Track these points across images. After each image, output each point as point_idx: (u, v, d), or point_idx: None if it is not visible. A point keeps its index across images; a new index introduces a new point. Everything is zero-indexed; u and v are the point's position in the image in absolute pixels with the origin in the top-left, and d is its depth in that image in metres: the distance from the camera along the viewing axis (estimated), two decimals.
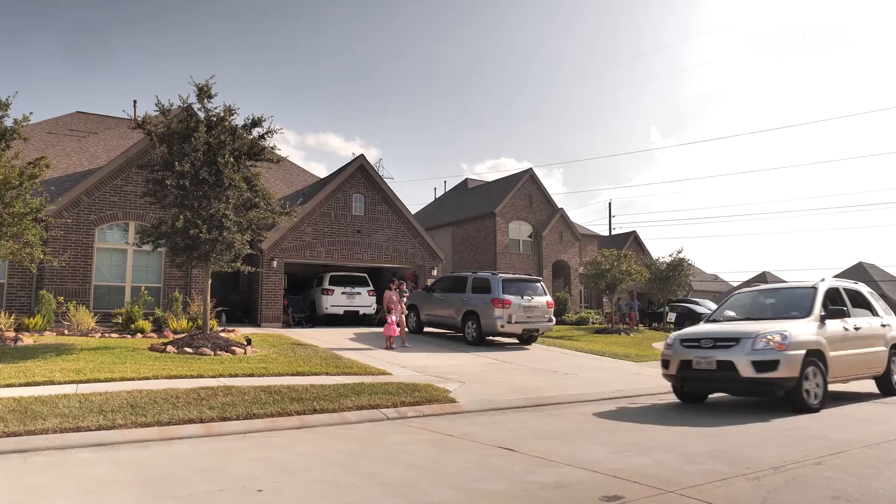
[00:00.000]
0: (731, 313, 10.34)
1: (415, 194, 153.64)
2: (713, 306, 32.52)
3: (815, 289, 9.62)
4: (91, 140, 22.75)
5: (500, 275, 17.04)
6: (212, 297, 14.12)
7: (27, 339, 12.60)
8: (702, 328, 9.71)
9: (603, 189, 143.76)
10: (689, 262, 27.57)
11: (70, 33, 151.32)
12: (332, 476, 4.98)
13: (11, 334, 12.79)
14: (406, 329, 16.53)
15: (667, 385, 11.38)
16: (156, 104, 12.75)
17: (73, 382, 8.51)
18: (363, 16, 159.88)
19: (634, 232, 41.91)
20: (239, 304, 21.38)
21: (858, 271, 53.49)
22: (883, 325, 10.28)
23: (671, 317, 29.28)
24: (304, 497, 4.45)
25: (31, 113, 12.35)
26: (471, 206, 36.95)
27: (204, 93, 12.94)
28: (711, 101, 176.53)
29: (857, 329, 9.52)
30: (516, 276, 17.86)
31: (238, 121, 13.23)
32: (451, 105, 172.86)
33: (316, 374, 10.43)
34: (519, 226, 34.02)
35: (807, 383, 8.33)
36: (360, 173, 22.91)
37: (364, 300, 21.68)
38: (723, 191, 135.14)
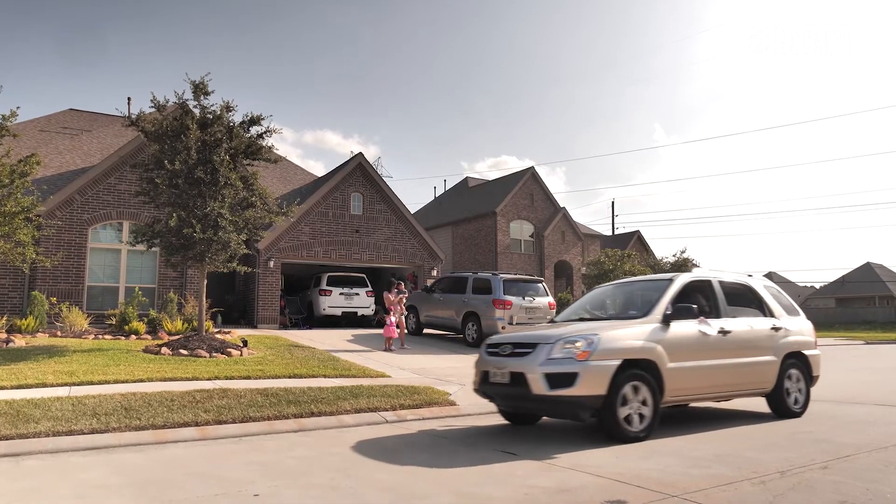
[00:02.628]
0: (581, 312, 8.45)
1: (414, 193, 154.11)
2: None
3: (669, 281, 7.65)
4: (84, 138, 22.54)
5: (501, 275, 16.87)
6: (207, 298, 13.95)
7: (19, 341, 12.40)
8: (520, 332, 8.00)
9: (606, 188, 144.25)
10: (694, 262, 27.45)
11: (63, 30, 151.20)
12: (330, 480, 4.94)
13: (3, 336, 12.58)
14: (405, 330, 16.33)
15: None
16: (151, 100, 12.58)
17: (66, 385, 8.42)
18: (362, 11, 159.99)
19: (638, 231, 41.76)
20: (235, 305, 21.14)
21: (866, 271, 53.47)
22: (774, 329, 8.01)
23: None
24: (302, 501, 4.40)
25: (18, 107, 12.21)
26: (471, 205, 36.75)
27: (200, 90, 12.80)
28: (715, 99, 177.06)
29: (725, 333, 7.38)
30: (517, 276, 17.69)
31: (236, 118, 13.10)
32: (452, 102, 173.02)
33: (313, 376, 10.30)
34: (520, 225, 33.81)
35: (624, 404, 6.33)
36: (358, 172, 22.69)
37: (362, 301, 21.46)
38: (728, 189, 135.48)
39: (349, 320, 21.28)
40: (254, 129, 13.22)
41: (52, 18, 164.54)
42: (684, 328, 7.09)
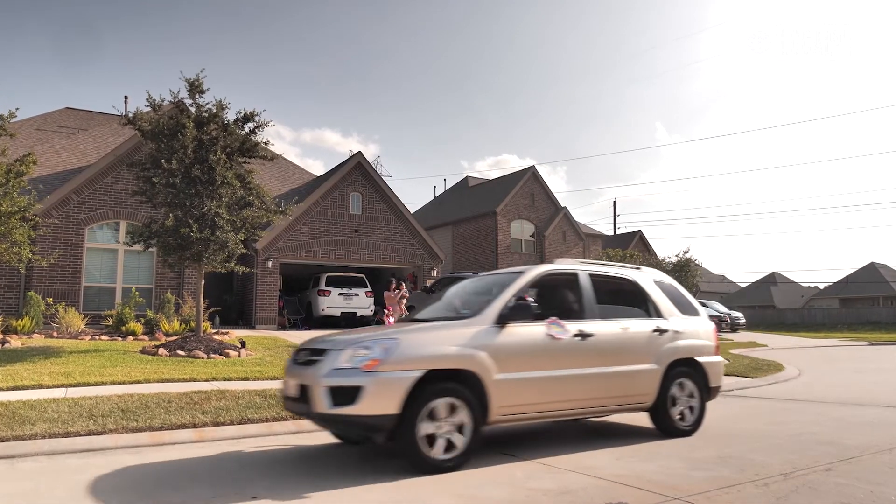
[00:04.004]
0: (446, 309, 7.04)
1: (414, 193, 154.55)
2: (721, 308, 32.38)
3: (518, 274, 6.39)
4: (81, 137, 22.42)
5: None
6: (205, 299, 13.86)
7: (15, 342, 12.30)
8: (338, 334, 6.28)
9: (607, 187, 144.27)
10: (696, 262, 27.37)
11: (60, 27, 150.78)
12: None
13: None
14: None
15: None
16: (147, 99, 12.52)
17: (62, 386, 8.38)
18: (362, 9, 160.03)
19: (639, 231, 41.70)
20: (233, 305, 20.99)
21: (870, 271, 53.47)
22: (658, 332, 6.62)
23: None
24: None
25: (17, 109, 12.26)
26: (471, 204, 36.64)
27: (195, 88, 12.76)
28: (718, 98, 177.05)
29: (584, 337, 6.05)
30: None
31: (230, 116, 13.07)
32: (452, 101, 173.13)
33: None
34: (521, 225, 33.69)
35: (429, 425, 5.09)
36: (357, 171, 22.56)
37: (362, 301, 21.33)
38: (730, 189, 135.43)
39: (348, 321, 21.10)
40: (248, 126, 13.17)
41: (48, 17, 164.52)
42: (526, 331, 5.75)
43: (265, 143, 13.48)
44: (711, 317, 28.64)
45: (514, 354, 5.64)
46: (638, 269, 7.42)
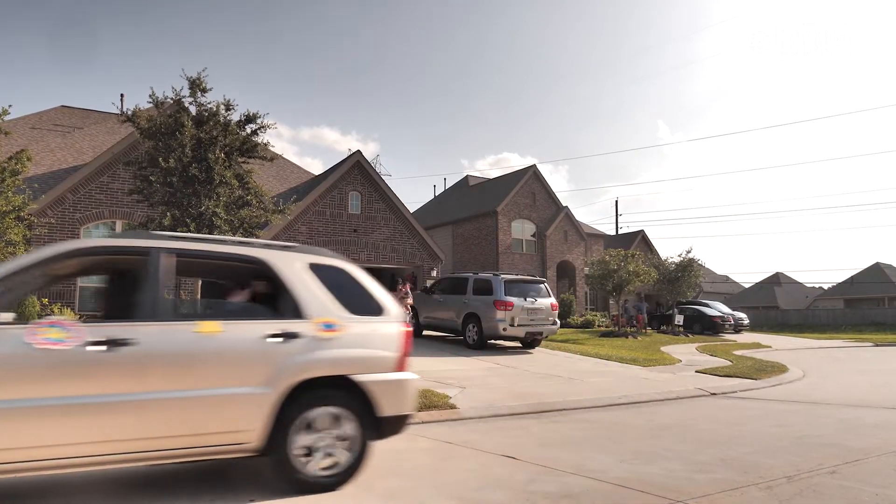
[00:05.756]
0: None
1: (413, 192, 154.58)
2: (724, 308, 32.23)
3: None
4: (76, 135, 22.30)
5: (503, 276, 16.57)
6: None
7: None
8: None
9: (609, 186, 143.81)
10: (699, 262, 27.04)
11: (55, 25, 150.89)
12: None
13: None
14: None
15: (679, 389, 10.88)
16: (150, 96, 12.40)
17: None
18: (361, 6, 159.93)
19: (642, 231, 41.39)
20: None
21: (875, 272, 53.23)
22: (281, 338, 4.60)
23: (680, 319, 28.77)
24: None
25: (10, 106, 12.16)
26: (472, 204, 36.44)
27: (197, 86, 12.66)
28: (721, 96, 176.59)
29: (116, 346, 4.14)
30: (519, 277, 17.39)
31: (234, 116, 12.99)
32: (452, 99, 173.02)
33: None
34: (522, 225, 33.47)
35: None
36: (356, 170, 22.39)
37: None
38: (734, 188, 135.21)
39: None
40: (248, 127, 13.10)
41: (44, 14, 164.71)
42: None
43: (265, 144, 13.42)
44: (714, 317, 28.26)
45: None
46: (286, 246, 5.25)
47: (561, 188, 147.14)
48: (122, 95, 31.55)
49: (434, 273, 23.35)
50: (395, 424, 5.00)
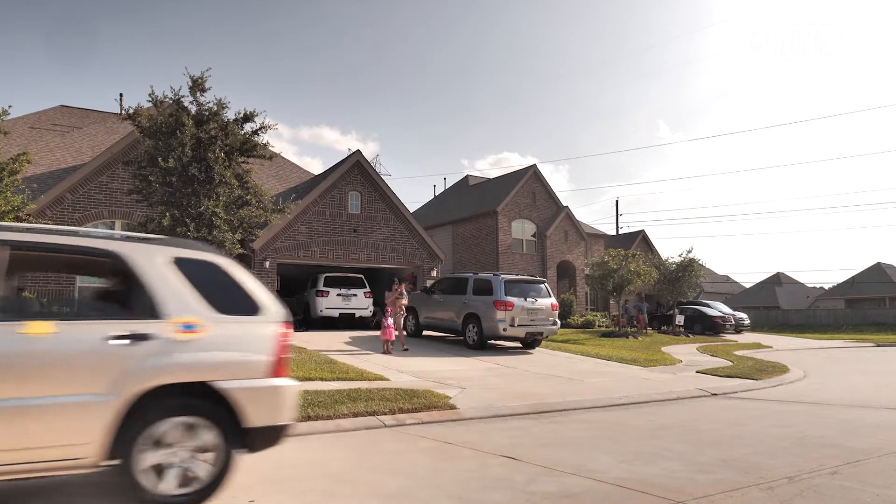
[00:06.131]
0: None
1: (413, 192, 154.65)
2: (725, 308, 32.19)
3: None
4: (76, 135, 22.28)
5: (503, 276, 16.51)
6: None
7: None
8: None
9: (610, 186, 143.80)
10: (700, 262, 26.97)
11: (54, 24, 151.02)
12: (327, 486, 4.87)
13: None
14: (404, 332, 16.00)
15: (680, 389, 10.83)
16: (149, 95, 12.37)
17: None
18: (361, 5, 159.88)
19: (642, 231, 41.29)
20: None
21: (876, 272, 53.13)
22: (128, 340, 4.11)
23: (680, 319, 28.73)
24: None
25: (10, 106, 12.19)
26: (472, 204, 36.38)
27: (198, 85, 12.69)
28: (721, 95, 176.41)
29: None
30: (519, 277, 17.34)
31: (230, 115, 12.96)
32: (452, 98, 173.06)
33: (310, 379, 10.07)
34: (522, 224, 33.41)
35: None
36: (356, 170, 22.34)
37: (360, 302, 21.10)
38: (735, 188, 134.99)
39: (347, 322, 20.91)
40: (248, 126, 13.10)
41: (42, 13, 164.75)
42: None
43: (265, 144, 13.39)
44: (714, 317, 28.26)
45: None
46: (147, 239, 4.74)
47: (561, 188, 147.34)
48: (121, 95, 31.39)
49: (434, 273, 23.29)
50: (267, 436, 4.50)
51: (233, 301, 4.63)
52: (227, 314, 4.52)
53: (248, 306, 4.67)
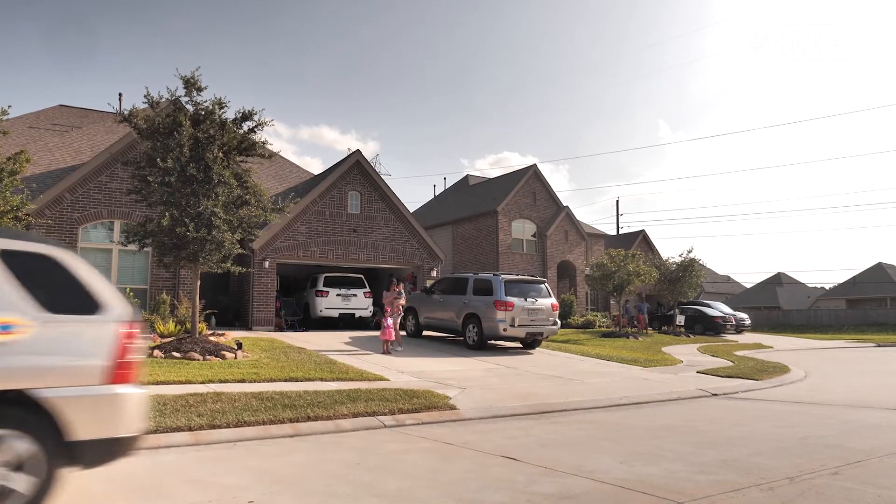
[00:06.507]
0: None
1: (413, 192, 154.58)
2: (725, 308, 32.23)
3: None
4: (75, 135, 22.25)
5: (503, 276, 16.50)
6: (201, 300, 13.72)
7: None
8: None
9: (610, 186, 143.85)
10: (701, 262, 27.00)
11: (53, 23, 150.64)
12: (327, 486, 4.86)
13: None
14: (404, 332, 15.98)
15: (680, 390, 10.83)
16: (145, 96, 12.34)
17: None
18: (361, 5, 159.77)
19: (643, 231, 41.33)
20: (229, 306, 20.73)
21: (877, 272, 53.13)
22: None
23: (681, 320, 28.74)
24: None
25: (9, 106, 12.15)
26: (472, 203, 36.37)
27: (191, 85, 12.60)
28: (722, 95, 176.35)
29: None
30: (519, 277, 17.32)
31: (228, 114, 12.89)
32: (452, 98, 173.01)
33: (310, 379, 10.10)
34: (522, 224, 33.40)
35: None
36: (356, 170, 22.31)
37: (360, 302, 21.09)
38: (735, 188, 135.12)
39: (346, 322, 20.89)
40: (246, 125, 13.02)
41: (41, 12, 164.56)
42: None
43: (263, 143, 13.33)
44: (715, 318, 28.39)
45: None
46: None
47: (562, 188, 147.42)
48: (120, 95, 31.56)
49: (434, 273, 23.27)
50: (101, 450, 3.96)
51: (67, 299, 4.13)
52: (59, 313, 4.03)
53: (85, 304, 4.16)
